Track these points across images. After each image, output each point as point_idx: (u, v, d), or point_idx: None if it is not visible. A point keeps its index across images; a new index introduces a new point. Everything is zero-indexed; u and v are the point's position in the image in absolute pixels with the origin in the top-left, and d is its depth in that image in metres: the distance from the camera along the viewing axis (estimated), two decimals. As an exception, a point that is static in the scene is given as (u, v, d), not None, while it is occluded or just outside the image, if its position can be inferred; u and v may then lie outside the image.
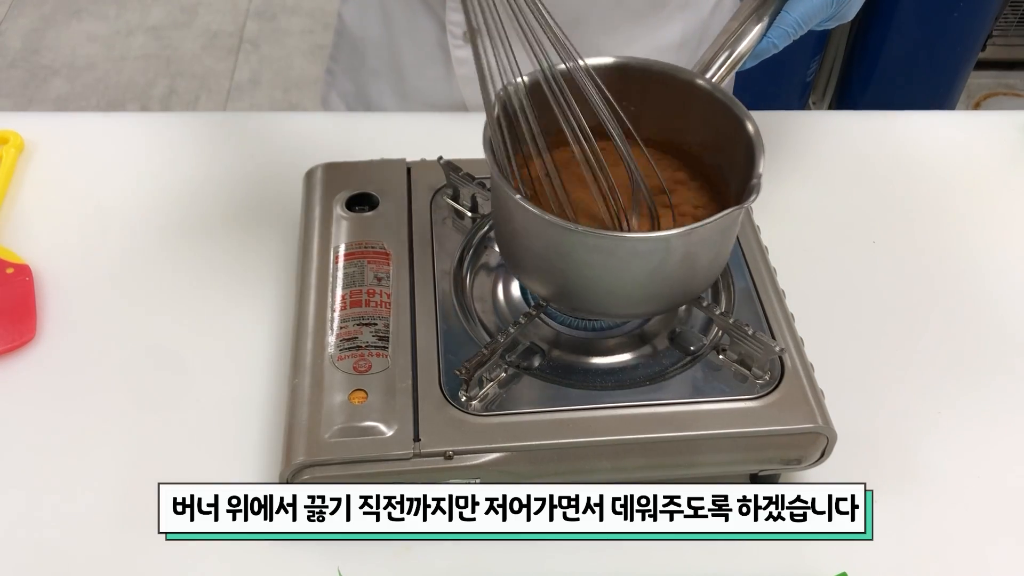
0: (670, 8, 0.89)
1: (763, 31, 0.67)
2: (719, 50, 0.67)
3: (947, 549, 0.64)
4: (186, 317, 0.75)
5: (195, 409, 0.69)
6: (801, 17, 0.67)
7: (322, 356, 0.63)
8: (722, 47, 0.67)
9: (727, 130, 0.63)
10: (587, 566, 0.62)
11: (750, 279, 0.69)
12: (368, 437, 0.59)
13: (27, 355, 0.71)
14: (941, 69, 2.02)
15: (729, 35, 0.67)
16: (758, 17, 0.67)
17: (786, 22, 0.67)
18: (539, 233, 0.59)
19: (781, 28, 0.67)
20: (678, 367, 0.64)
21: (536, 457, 0.60)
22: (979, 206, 0.88)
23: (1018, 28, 2.42)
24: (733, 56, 0.67)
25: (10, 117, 0.90)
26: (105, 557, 0.61)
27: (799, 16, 0.67)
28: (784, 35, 0.67)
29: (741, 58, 0.67)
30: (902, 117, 0.98)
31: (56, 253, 0.78)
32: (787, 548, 0.62)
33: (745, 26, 0.67)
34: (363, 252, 0.69)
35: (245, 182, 0.85)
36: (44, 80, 2.45)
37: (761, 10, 0.67)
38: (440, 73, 0.91)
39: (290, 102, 2.42)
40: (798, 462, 0.63)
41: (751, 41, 0.67)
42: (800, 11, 0.66)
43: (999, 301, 0.79)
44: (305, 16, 2.69)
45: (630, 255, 0.58)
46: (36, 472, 0.65)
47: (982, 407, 0.72)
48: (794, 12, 0.67)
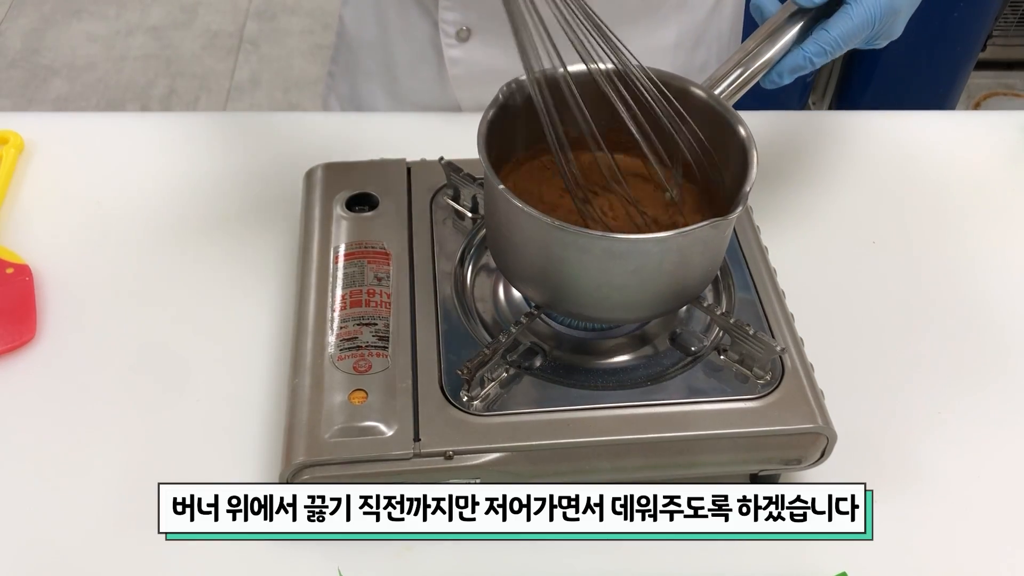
0: (665, 9, 0.89)
1: (781, 52, 0.66)
2: (733, 67, 0.66)
3: (947, 549, 0.64)
4: (186, 317, 0.75)
5: (195, 409, 0.69)
6: (841, 36, 0.65)
7: (322, 356, 0.63)
8: (736, 64, 0.67)
9: (721, 137, 0.63)
10: (587, 566, 0.62)
11: (750, 279, 0.69)
12: (368, 437, 0.59)
13: (27, 355, 0.71)
14: (941, 69, 2.02)
15: (745, 54, 0.67)
16: (774, 40, 0.67)
17: (825, 40, 0.65)
18: (521, 226, 0.59)
19: (819, 46, 0.66)
20: (678, 367, 0.64)
21: (536, 457, 0.60)
22: (979, 206, 0.88)
23: (1018, 28, 2.42)
24: (746, 75, 0.66)
25: (10, 117, 0.90)
26: (105, 557, 0.61)
27: (839, 35, 0.65)
28: (822, 52, 0.66)
29: (754, 78, 0.67)
30: (902, 117, 0.98)
31: (56, 253, 0.78)
32: (787, 548, 0.62)
33: (761, 47, 0.67)
34: (363, 252, 0.69)
35: (245, 182, 0.85)
36: (44, 80, 2.45)
37: (777, 34, 0.67)
38: (433, 74, 0.91)
39: (290, 102, 2.42)
40: (798, 462, 0.63)
41: (765, 63, 0.66)
42: (840, 30, 0.65)
43: (999, 301, 0.79)
44: (305, 16, 2.69)
45: (607, 255, 0.58)
46: (36, 472, 0.65)
47: (982, 407, 0.72)
48: (834, 31, 0.65)
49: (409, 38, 0.91)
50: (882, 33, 0.67)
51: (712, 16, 0.93)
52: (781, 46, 0.67)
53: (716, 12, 0.93)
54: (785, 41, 0.67)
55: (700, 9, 0.91)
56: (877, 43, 0.69)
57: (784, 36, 0.67)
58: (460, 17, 0.85)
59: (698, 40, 0.93)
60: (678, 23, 0.90)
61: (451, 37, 0.87)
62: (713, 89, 0.66)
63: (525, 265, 0.63)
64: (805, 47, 0.66)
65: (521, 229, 0.60)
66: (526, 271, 0.63)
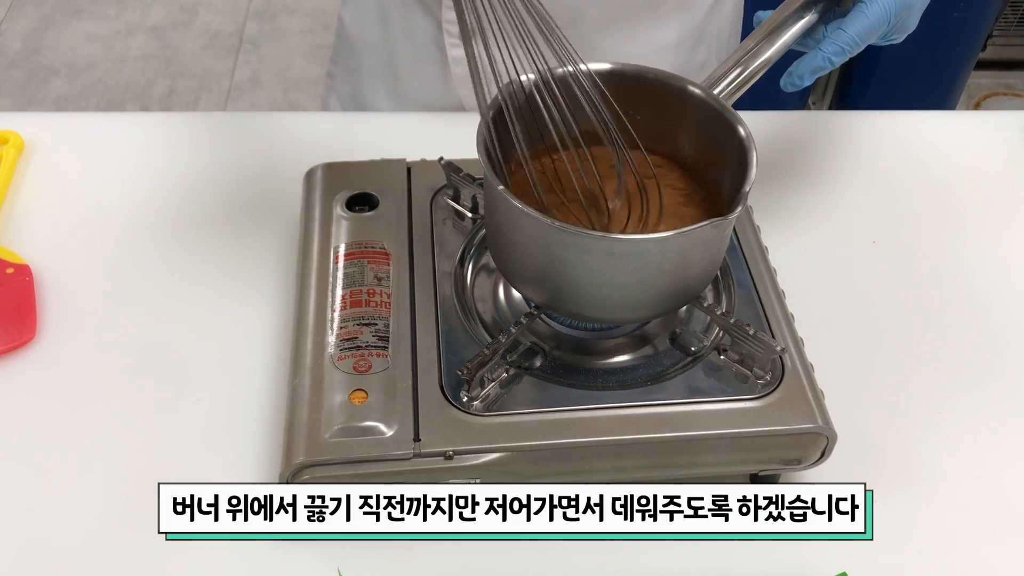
0: (667, 7, 0.89)
1: (779, 52, 0.67)
2: (732, 66, 0.66)
3: (947, 549, 0.64)
4: (186, 317, 0.75)
5: (195, 409, 0.69)
6: (858, 34, 0.65)
7: (322, 356, 0.63)
8: (735, 64, 0.67)
9: (720, 137, 0.63)
10: (587, 566, 0.62)
11: (750, 279, 0.69)
12: (368, 437, 0.59)
13: (27, 355, 0.71)
14: (941, 69, 2.02)
15: (744, 53, 0.67)
16: (773, 40, 0.67)
17: (843, 39, 0.65)
18: (521, 227, 0.59)
19: (837, 45, 0.66)
20: (679, 367, 0.64)
21: (536, 457, 0.60)
22: (979, 206, 0.88)
23: (1018, 28, 2.42)
24: (745, 74, 0.66)
25: (10, 117, 0.90)
26: (105, 557, 0.61)
27: (856, 33, 0.65)
28: (840, 51, 0.66)
29: (753, 77, 0.67)
30: (902, 117, 0.98)
31: (56, 253, 0.78)
32: (787, 548, 0.62)
33: (760, 46, 0.67)
34: (363, 252, 0.69)
35: (245, 182, 0.85)
36: (44, 80, 2.45)
37: (776, 33, 0.67)
38: (436, 73, 0.91)
39: (290, 102, 2.42)
40: (798, 462, 0.63)
41: (765, 61, 0.66)
42: (857, 29, 0.65)
43: (999, 301, 0.79)
44: (305, 16, 2.69)
45: (607, 255, 0.58)
46: (36, 472, 0.65)
47: (982, 407, 0.72)
48: (851, 30, 0.65)
49: (411, 38, 0.91)
50: (897, 28, 0.67)
51: (712, 15, 0.93)
52: (780, 45, 0.67)
53: (716, 11, 0.93)
54: (784, 40, 0.67)
55: (700, 7, 0.91)
56: (894, 38, 0.69)
57: (783, 36, 0.67)
58: None
59: (699, 39, 0.93)
60: (679, 21, 0.90)
61: (454, 37, 0.86)
62: (712, 89, 0.66)
63: (525, 266, 0.63)
64: (823, 48, 0.66)
65: (521, 230, 0.60)
66: (526, 272, 0.63)
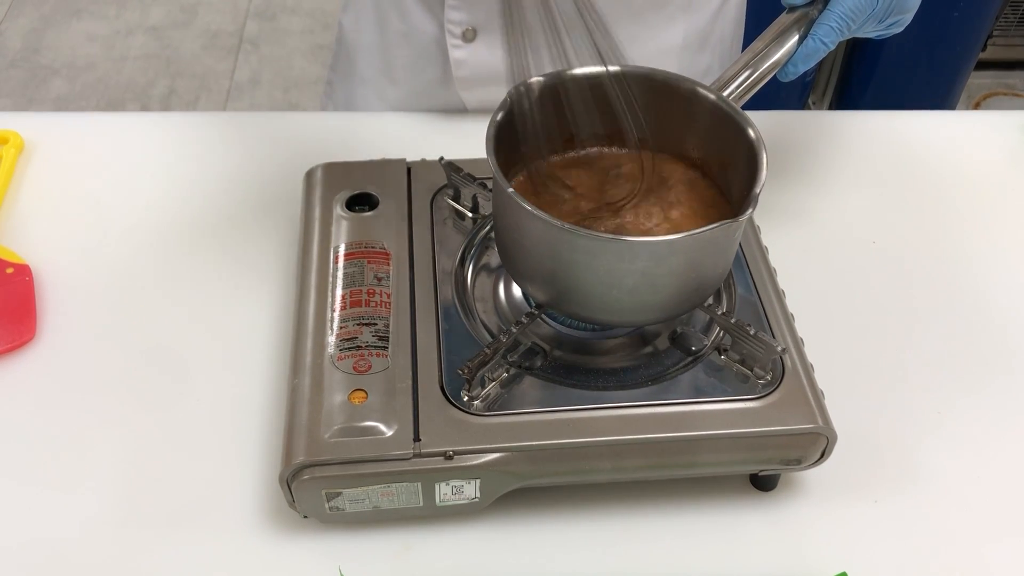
0: (671, 9, 0.89)
1: (789, 53, 0.66)
2: (741, 69, 0.66)
3: (947, 549, 0.64)
4: (186, 317, 0.75)
5: (195, 409, 0.69)
6: (845, 13, 0.64)
7: (322, 356, 0.63)
8: (744, 66, 0.66)
9: (730, 139, 0.63)
10: (587, 566, 0.62)
11: (750, 279, 0.69)
12: (368, 437, 0.59)
13: (27, 355, 0.71)
14: (941, 69, 2.02)
15: (753, 55, 0.67)
16: (781, 42, 0.66)
17: (830, 19, 0.65)
18: (530, 229, 0.59)
19: (827, 26, 0.65)
20: (679, 367, 0.64)
21: (537, 457, 0.60)
22: (979, 206, 0.88)
23: (1018, 28, 2.42)
24: (754, 76, 0.66)
25: (10, 117, 0.90)
26: (105, 557, 0.61)
27: (842, 12, 0.64)
28: (830, 32, 0.65)
29: (762, 79, 0.66)
30: (902, 117, 0.98)
31: (56, 253, 0.78)
32: (787, 548, 0.62)
33: (769, 48, 0.66)
34: (363, 252, 0.69)
35: (245, 182, 0.85)
36: (44, 80, 2.45)
37: (785, 35, 0.67)
38: (437, 75, 0.91)
39: (290, 102, 2.42)
40: (798, 462, 0.63)
41: (774, 64, 0.66)
42: (844, 7, 0.64)
43: (999, 301, 0.79)
44: (305, 16, 2.69)
45: (617, 257, 0.58)
46: (36, 472, 0.65)
47: (982, 407, 0.72)
48: (837, 8, 0.64)
49: (412, 41, 0.90)
50: (893, 8, 0.66)
51: (717, 18, 0.93)
52: (789, 47, 0.67)
53: (721, 14, 0.93)
54: (793, 42, 0.67)
55: (705, 10, 0.91)
56: (893, 21, 0.67)
57: (792, 37, 0.67)
58: (466, 17, 0.85)
59: (703, 43, 0.93)
60: (684, 23, 0.90)
61: (457, 38, 0.86)
62: (722, 91, 0.66)
63: (535, 268, 0.62)
64: (814, 31, 0.66)
65: (531, 232, 0.60)
66: (536, 274, 0.63)
